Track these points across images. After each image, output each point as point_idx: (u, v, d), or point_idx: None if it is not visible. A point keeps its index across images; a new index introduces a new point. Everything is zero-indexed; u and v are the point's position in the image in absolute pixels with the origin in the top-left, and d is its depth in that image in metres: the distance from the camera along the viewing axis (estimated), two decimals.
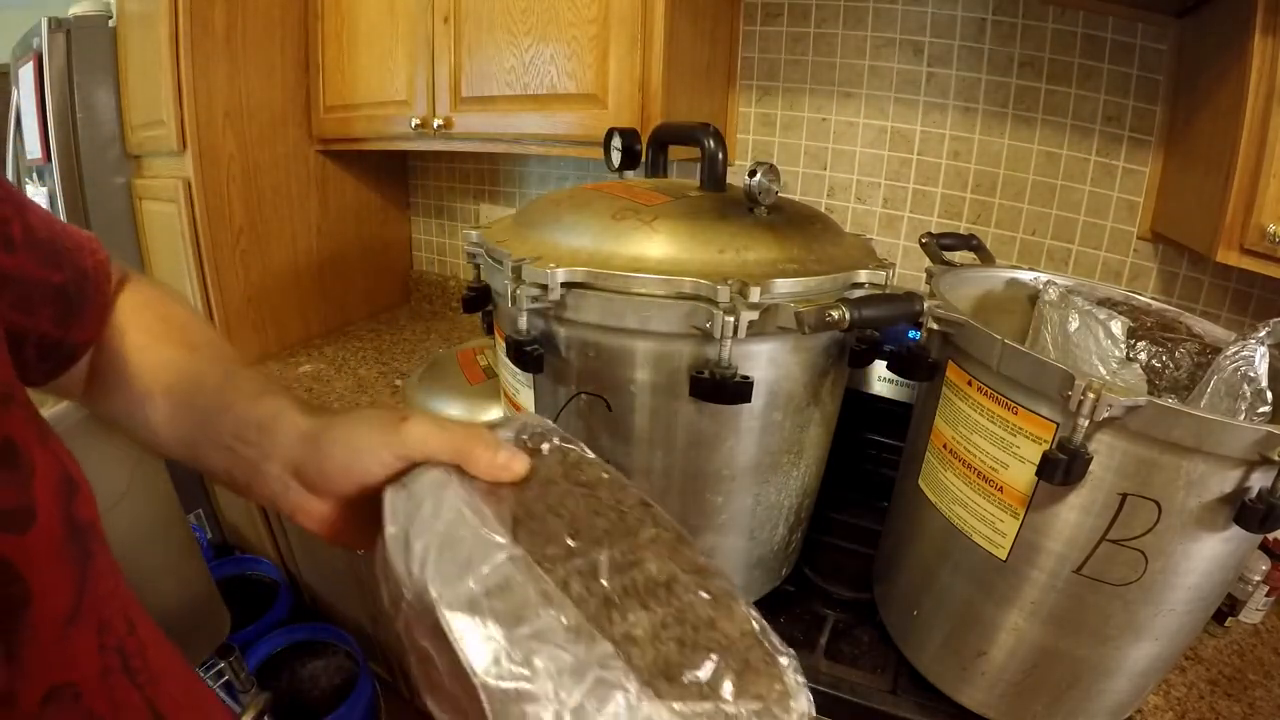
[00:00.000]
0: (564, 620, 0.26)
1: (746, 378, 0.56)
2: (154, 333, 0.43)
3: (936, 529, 0.64)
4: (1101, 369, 0.72)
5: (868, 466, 1.04)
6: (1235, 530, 0.49)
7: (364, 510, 0.35)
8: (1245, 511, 0.47)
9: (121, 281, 0.45)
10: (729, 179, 0.70)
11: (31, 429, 0.28)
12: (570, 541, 0.30)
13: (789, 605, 0.82)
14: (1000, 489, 0.56)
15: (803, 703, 0.27)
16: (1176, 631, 0.56)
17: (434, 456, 0.33)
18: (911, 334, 0.95)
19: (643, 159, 0.80)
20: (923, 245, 0.80)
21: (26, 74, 1.43)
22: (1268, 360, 0.59)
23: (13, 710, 0.24)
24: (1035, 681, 0.60)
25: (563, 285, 0.57)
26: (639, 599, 0.29)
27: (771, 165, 0.62)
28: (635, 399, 0.62)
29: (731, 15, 1.20)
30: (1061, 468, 0.48)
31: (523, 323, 0.60)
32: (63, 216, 1.43)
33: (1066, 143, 1.04)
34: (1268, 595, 0.80)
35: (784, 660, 0.28)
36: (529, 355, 0.61)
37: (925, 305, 0.58)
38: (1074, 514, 0.52)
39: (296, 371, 1.45)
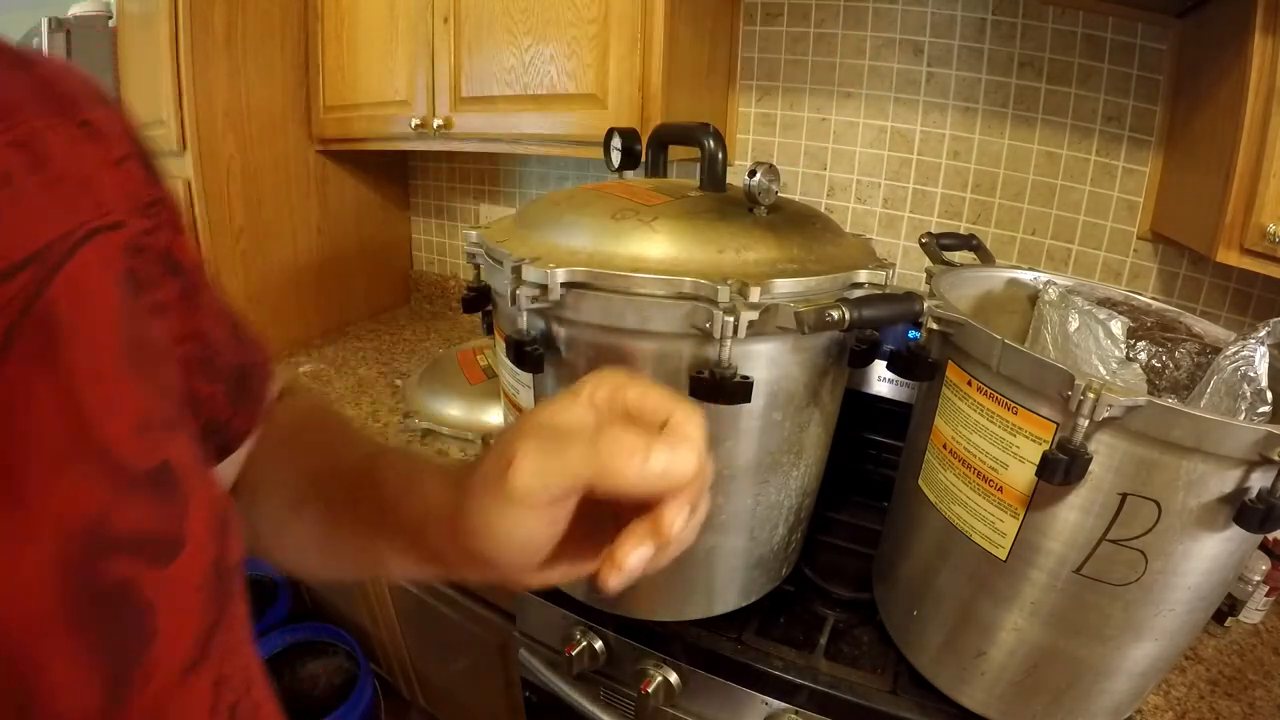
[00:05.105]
0: None
1: (746, 378, 0.56)
2: (307, 442, 0.41)
3: (936, 529, 0.64)
4: (1101, 369, 0.72)
5: (868, 466, 1.04)
6: (1235, 530, 0.49)
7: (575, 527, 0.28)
8: (1245, 511, 0.47)
9: (285, 390, 0.43)
10: (729, 179, 0.70)
11: (193, 460, 0.26)
12: None
13: (789, 605, 0.82)
14: (1000, 489, 0.56)
15: None
16: (1176, 631, 0.56)
17: (569, 491, 0.26)
18: (911, 334, 0.95)
19: (643, 159, 0.80)
20: (922, 245, 0.80)
21: None
22: (1267, 360, 0.59)
23: None
24: (1035, 681, 0.60)
25: (563, 285, 0.57)
26: None
27: (771, 165, 0.62)
28: None
29: (731, 15, 1.20)
30: (1061, 468, 0.48)
31: (523, 323, 0.60)
32: None
33: (1066, 143, 1.04)
34: (1268, 595, 0.80)
35: None
36: (529, 355, 0.61)
37: (925, 305, 0.58)
38: (1074, 514, 0.52)
39: (296, 371, 1.45)
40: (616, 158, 0.79)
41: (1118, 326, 0.72)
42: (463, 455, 1.12)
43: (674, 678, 0.78)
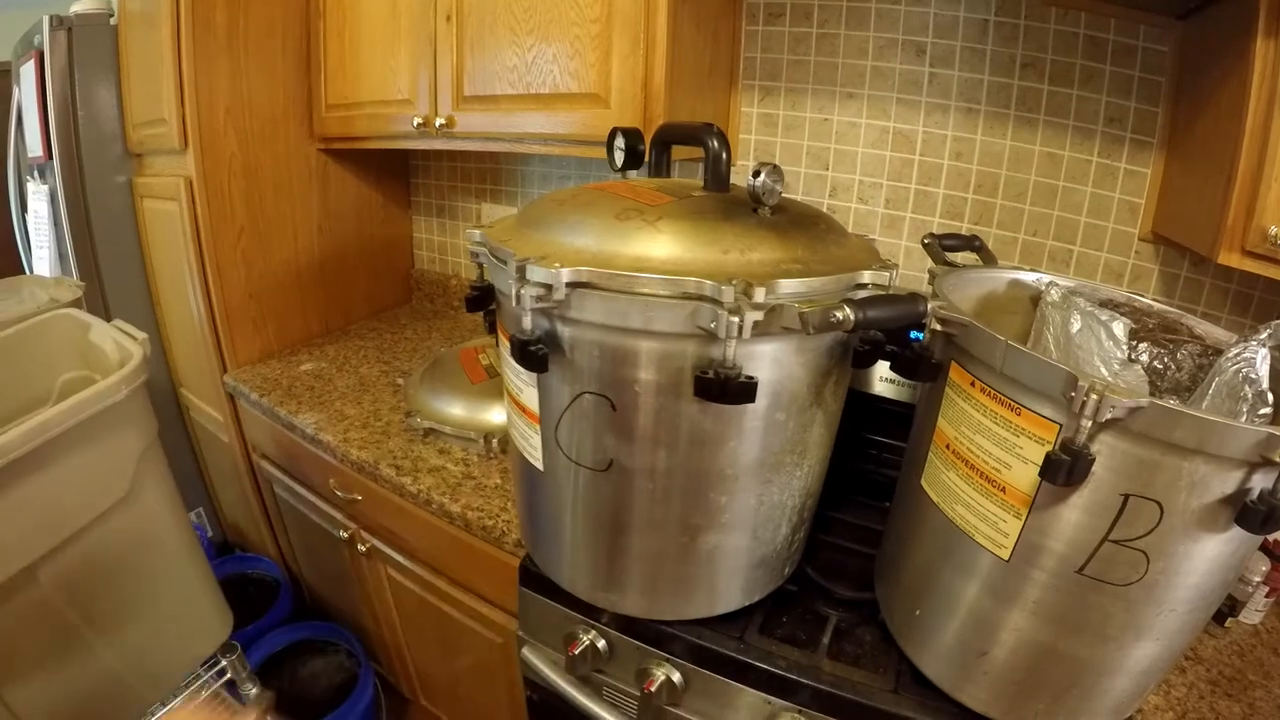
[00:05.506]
0: None
1: (750, 378, 0.56)
2: None
3: (939, 529, 0.64)
4: (1103, 370, 0.72)
5: (870, 467, 1.04)
6: (1236, 531, 0.49)
7: None
8: (1246, 513, 0.47)
9: None
10: (731, 179, 0.71)
11: None
12: None
13: (792, 605, 0.82)
14: (1003, 489, 0.56)
15: None
16: (1177, 632, 0.56)
17: None
18: (914, 335, 0.95)
19: (646, 159, 0.80)
20: (925, 246, 0.80)
21: (28, 72, 1.43)
22: (1269, 362, 0.59)
23: None
24: (1036, 681, 0.61)
25: (567, 285, 0.57)
26: None
27: (775, 166, 0.62)
28: (639, 399, 0.62)
29: (734, 15, 1.21)
30: (1064, 469, 0.49)
31: (527, 322, 0.61)
32: (63, 215, 1.43)
33: (1068, 144, 1.04)
34: (1268, 596, 0.80)
35: None
36: (534, 355, 0.61)
37: (929, 306, 0.58)
38: (1076, 514, 0.53)
39: (298, 370, 1.45)
40: (620, 157, 0.79)
41: (1120, 328, 0.72)
42: (464, 454, 1.12)
43: (677, 677, 0.78)
